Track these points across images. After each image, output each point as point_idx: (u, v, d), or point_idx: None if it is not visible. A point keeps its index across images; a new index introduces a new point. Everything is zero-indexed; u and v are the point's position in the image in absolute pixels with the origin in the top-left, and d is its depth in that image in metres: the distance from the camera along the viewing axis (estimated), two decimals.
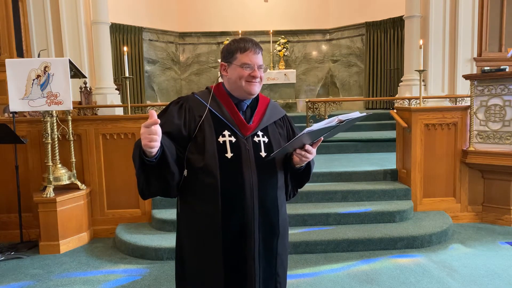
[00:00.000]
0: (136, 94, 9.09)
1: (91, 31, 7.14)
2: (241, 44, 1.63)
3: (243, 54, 1.62)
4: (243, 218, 1.60)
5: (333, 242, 3.69)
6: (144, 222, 4.25)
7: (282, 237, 1.71)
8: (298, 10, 10.39)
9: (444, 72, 7.31)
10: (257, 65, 1.63)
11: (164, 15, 9.92)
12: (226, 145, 1.61)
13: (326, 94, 10.59)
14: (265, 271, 1.67)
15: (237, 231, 1.61)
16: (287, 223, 1.77)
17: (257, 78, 1.63)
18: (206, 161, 1.59)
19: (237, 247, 1.62)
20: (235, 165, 1.60)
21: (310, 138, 1.56)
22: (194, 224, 1.67)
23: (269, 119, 1.72)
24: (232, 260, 1.62)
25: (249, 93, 1.65)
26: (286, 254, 1.77)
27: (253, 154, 1.62)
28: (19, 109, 3.72)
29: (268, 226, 1.66)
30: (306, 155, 1.59)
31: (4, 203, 4.20)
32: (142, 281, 3.23)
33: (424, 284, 3.08)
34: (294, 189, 1.86)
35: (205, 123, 1.63)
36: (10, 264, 3.60)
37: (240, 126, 1.65)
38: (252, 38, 1.70)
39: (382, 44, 9.14)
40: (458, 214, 4.44)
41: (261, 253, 1.64)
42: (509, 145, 4.17)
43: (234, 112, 1.66)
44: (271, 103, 1.78)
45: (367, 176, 4.65)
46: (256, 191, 1.61)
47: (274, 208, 1.67)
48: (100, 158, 4.23)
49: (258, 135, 1.67)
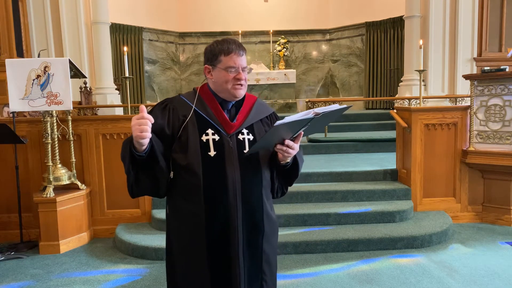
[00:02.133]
0: (136, 94, 9.09)
1: (91, 31, 7.14)
2: (224, 46, 1.62)
3: (227, 57, 1.61)
4: (226, 216, 1.61)
5: (333, 242, 3.69)
6: (144, 222, 4.25)
7: (267, 235, 1.70)
8: (298, 10, 10.39)
9: (444, 72, 7.31)
10: (242, 67, 1.63)
11: (164, 15, 9.92)
12: (209, 143, 1.61)
13: (326, 94, 10.59)
14: (250, 269, 1.66)
15: (221, 229, 1.61)
16: (273, 221, 1.75)
17: (242, 81, 1.63)
18: (188, 160, 1.61)
19: (222, 245, 1.62)
20: (218, 163, 1.61)
21: (287, 132, 1.52)
22: (180, 223, 1.68)
23: (255, 117, 1.72)
24: (217, 258, 1.63)
25: (234, 96, 1.65)
26: (273, 252, 1.76)
27: (237, 152, 1.62)
28: (19, 109, 3.72)
29: (252, 224, 1.65)
30: (288, 150, 1.57)
31: (4, 203, 4.20)
32: (142, 281, 3.23)
33: (424, 284, 3.08)
34: (282, 187, 1.83)
35: (189, 123, 1.64)
36: (10, 264, 3.60)
37: (224, 124, 1.65)
38: (235, 39, 1.69)
39: (382, 44, 9.14)
40: (458, 214, 4.44)
41: (245, 251, 1.64)
42: (509, 145, 4.17)
43: (218, 111, 1.66)
44: (258, 102, 1.78)
45: (367, 176, 4.65)
46: (239, 189, 1.61)
47: (258, 206, 1.67)
48: (100, 158, 4.23)
49: (243, 133, 1.66)
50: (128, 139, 1.53)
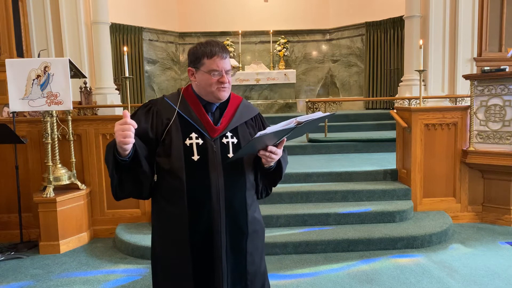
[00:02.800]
0: (136, 94, 9.10)
1: (91, 31, 7.14)
2: (207, 49, 1.60)
3: (210, 60, 1.59)
4: (209, 220, 1.61)
5: (333, 242, 3.69)
6: (144, 222, 4.25)
7: (251, 236, 1.70)
8: (298, 10, 10.39)
9: (444, 72, 7.31)
10: (225, 70, 1.61)
11: (164, 15, 9.92)
12: (193, 147, 1.61)
13: (326, 94, 10.59)
14: (234, 270, 1.66)
15: (204, 232, 1.62)
16: (258, 222, 1.75)
17: (226, 83, 1.62)
18: (172, 164, 1.60)
19: (205, 248, 1.62)
20: (201, 167, 1.60)
21: (270, 140, 1.53)
22: (164, 225, 1.68)
23: (239, 120, 1.71)
24: (201, 260, 1.63)
25: (218, 99, 1.65)
26: (258, 252, 1.75)
27: (221, 156, 1.62)
28: (19, 109, 3.72)
29: (235, 227, 1.65)
30: (271, 155, 1.58)
31: (4, 203, 4.20)
32: (142, 281, 3.23)
33: (424, 284, 3.08)
34: (266, 188, 1.84)
35: (173, 126, 1.63)
36: (10, 264, 3.60)
37: (208, 128, 1.64)
38: (219, 41, 1.68)
39: (382, 44, 9.14)
40: (458, 214, 4.44)
41: (228, 253, 1.64)
42: (509, 145, 4.17)
43: (202, 114, 1.65)
44: (243, 103, 1.76)
45: (367, 176, 4.65)
46: (222, 193, 1.61)
47: (242, 209, 1.67)
48: (100, 158, 4.23)
49: (227, 136, 1.65)
50: (112, 143, 1.52)
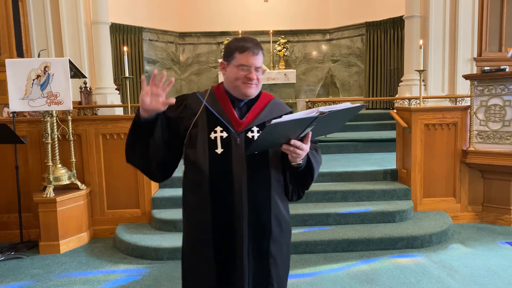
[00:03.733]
0: (136, 94, 9.08)
1: (91, 31, 7.14)
2: (240, 44, 1.61)
3: (241, 55, 1.60)
4: (231, 215, 1.60)
5: (333, 242, 3.69)
6: (144, 222, 4.25)
7: (276, 237, 1.65)
8: (298, 10, 10.38)
9: (444, 72, 7.31)
10: (255, 66, 1.60)
11: (164, 15, 9.91)
12: (217, 140, 1.61)
13: (326, 94, 10.58)
14: (256, 271, 1.64)
15: (226, 227, 1.61)
16: (284, 223, 1.70)
17: (253, 80, 1.61)
18: (196, 156, 1.62)
19: (227, 243, 1.62)
20: (224, 160, 1.60)
21: (292, 132, 1.44)
22: (190, 220, 1.70)
23: (267, 116, 1.69)
24: (223, 256, 1.63)
25: (244, 95, 1.64)
26: (283, 257, 1.71)
27: (244, 150, 1.60)
28: (19, 109, 3.72)
29: (258, 225, 1.62)
30: (296, 150, 1.49)
31: (4, 203, 4.20)
32: (142, 281, 3.23)
33: (424, 284, 3.08)
34: (298, 190, 1.74)
35: (200, 119, 1.65)
36: (10, 264, 3.60)
37: (233, 121, 1.64)
38: (254, 38, 1.68)
39: (382, 44, 9.13)
40: (458, 214, 4.44)
41: (250, 252, 1.62)
42: (509, 145, 4.17)
43: (228, 107, 1.66)
44: (273, 101, 1.76)
45: (367, 176, 4.65)
46: (245, 188, 1.58)
47: (265, 207, 1.62)
48: (100, 158, 4.23)
49: (253, 131, 1.64)
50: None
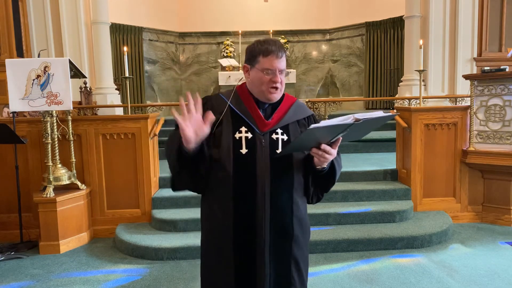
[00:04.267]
0: (136, 94, 9.09)
1: (91, 31, 7.14)
2: (264, 47, 1.60)
3: (265, 58, 1.58)
4: (253, 216, 1.58)
5: (333, 242, 3.69)
6: (144, 222, 4.25)
7: (298, 240, 1.66)
8: (298, 10, 10.38)
9: (444, 72, 7.30)
10: (279, 69, 1.59)
11: (164, 15, 9.91)
12: (241, 141, 1.60)
13: (326, 94, 10.58)
14: (277, 273, 1.63)
15: (248, 228, 1.59)
16: (305, 225, 1.70)
17: (278, 83, 1.60)
18: (220, 155, 1.60)
19: (248, 244, 1.60)
20: (248, 161, 1.59)
21: (324, 137, 1.47)
22: (210, 218, 1.68)
23: (292, 118, 1.68)
24: (242, 257, 1.61)
25: (268, 100, 1.63)
26: (304, 258, 1.71)
27: (269, 151, 1.60)
28: (19, 109, 3.72)
29: (280, 227, 1.61)
30: (324, 155, 1.51)
31: (4, 203, 4.20)
32: (142, 281, 3.23)
33: (424, 284, 3.08)
34: (318, 192, 1.76)
35: (224, 119, 1.63)
36: (10, 264, 3.60)
37: (258, 122, 1.63)
38: (277, 40, 1.64)
39: (382, 44, 9.13)
40: (458, 214, 4.44)
41: (272, 254, 1.61)
42: (509, 145, 4.17)
43: (253, 108, 1.65)
44: (297, 103, 1.75)
45: (367, 176, 4.65)
46: (268, 189, 1.58)
47: (287, 209, 1.62)
48: (100, 158, 4.23)
49: (277, 133, 1.63)
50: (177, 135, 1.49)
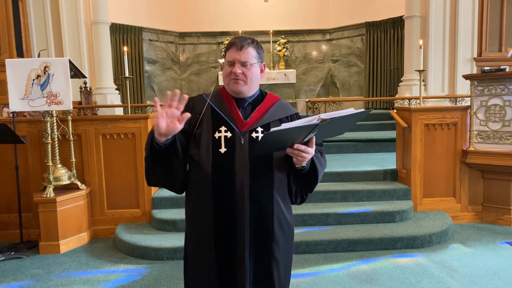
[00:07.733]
0: (136, 94, 9.10)
1: (91, 31, 7.14)
2: (230, 42, 1.65)
3: (228, 52, 1.63)
4: (233, 214, 1.59)
5: (333, 242, 3.69)
6: (144, 222, 4.25)
7: (278, 239, 1.64)
8: (298, 10, 10.39)
9: (444, 72, 7.31)
10: (240, 61, 1.59)
11: (164, 15, 9.92)
12: (221, 140, 1.61)
13: (326, 94, 10.59)
14: (257, 270, 1.63)
15: (228, 227, 1.60)
16: (287, 225, 1.69)
17: (238, 75, 1.59)
18: (200, 156, 1.62)
19: (228, 243, 1.61)
20: (227, 160, 1.60)
21: (295, 137, 1.45)
22: (192, 218, 1.70)
23: (272, 116, 1.68)
24: (224, 256, 1.62)
25: (233, 92, 1.65)
26: (285, 257, 1.70)
27: (248, 150, 1.60)
28: (19, 109, 3.72)
29: (260, 225, 1.61)
30: (300, 154, 1.49)
31: (4, 203, 4.20)
32: (142, 281, 3.23)
33: (424, 284, 3.08)
34: (301, 192, 1.76)
35: (204, 119, 1.65)
36: (10, 264, 3.60)
37: (237, 121, 1.64)
38: (246, 36, 1.68)
39: (382, 44, 9.14)
40: (458, 214, 4.44)
41: (252, 252, 1.61)
42: (509, 145, 4.17)
43: (232, 107, 1.66)
44: (279, 102, 1.75)
45: (367, 176, 4.65)
46: (247, 188, 1.58)
47: (267, 207, 1.62)
48: (100, 158, 4.23)
49: (257, 131, 1.64)
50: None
